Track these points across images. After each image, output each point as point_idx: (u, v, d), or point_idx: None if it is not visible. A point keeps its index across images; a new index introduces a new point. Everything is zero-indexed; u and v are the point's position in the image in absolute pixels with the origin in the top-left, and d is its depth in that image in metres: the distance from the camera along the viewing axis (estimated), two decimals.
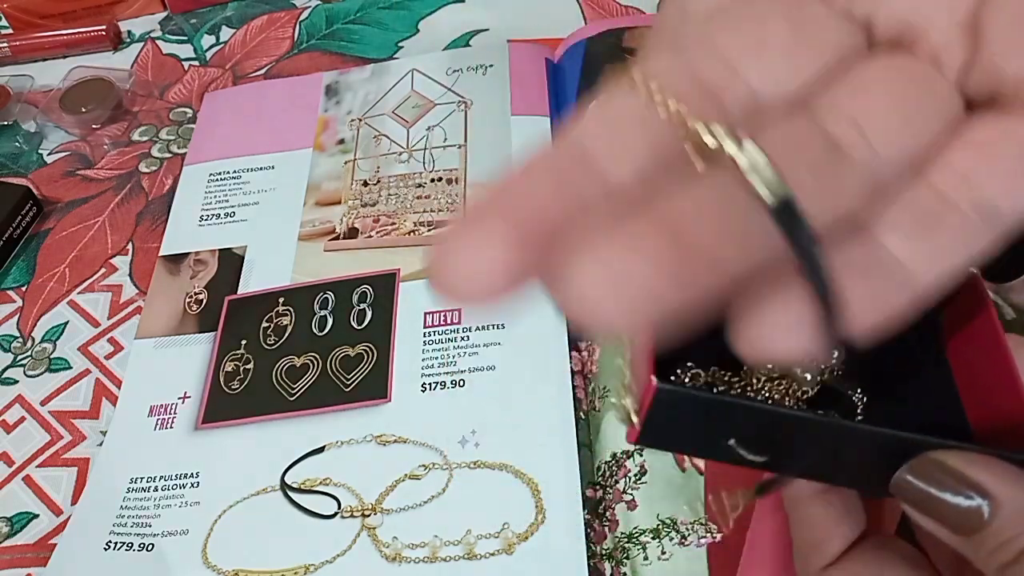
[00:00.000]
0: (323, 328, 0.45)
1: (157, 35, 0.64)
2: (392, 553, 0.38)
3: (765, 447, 0.25)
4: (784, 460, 0.26)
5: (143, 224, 0.53)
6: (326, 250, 0.49)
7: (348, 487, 0.40)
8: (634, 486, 0.39)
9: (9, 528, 0.42)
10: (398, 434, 0.41)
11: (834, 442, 0.25)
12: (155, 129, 0.58)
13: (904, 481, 0.23)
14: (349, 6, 0.64)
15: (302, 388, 0.43)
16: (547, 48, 0.57)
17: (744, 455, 0.25)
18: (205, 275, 0.49)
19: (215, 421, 0.43)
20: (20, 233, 0.52)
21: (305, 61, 0.61)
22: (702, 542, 0.37)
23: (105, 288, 0.50)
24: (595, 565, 0.37)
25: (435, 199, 0.50)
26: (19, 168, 0.57)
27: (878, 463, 0.24)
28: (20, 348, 0.48)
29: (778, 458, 0.25)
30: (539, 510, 0.38)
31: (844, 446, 0.25)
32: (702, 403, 0.25)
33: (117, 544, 0.40)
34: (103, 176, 0.56)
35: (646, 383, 0.24)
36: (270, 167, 0.54)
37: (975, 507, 0.22)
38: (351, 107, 0.56)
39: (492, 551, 0.37)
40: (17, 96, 0.59)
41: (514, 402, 0.41)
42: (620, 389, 0.26)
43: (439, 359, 0.43)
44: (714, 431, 0.25)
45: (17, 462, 0.44)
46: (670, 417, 0.25)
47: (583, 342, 0.43)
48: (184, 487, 0.41)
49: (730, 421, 0.25)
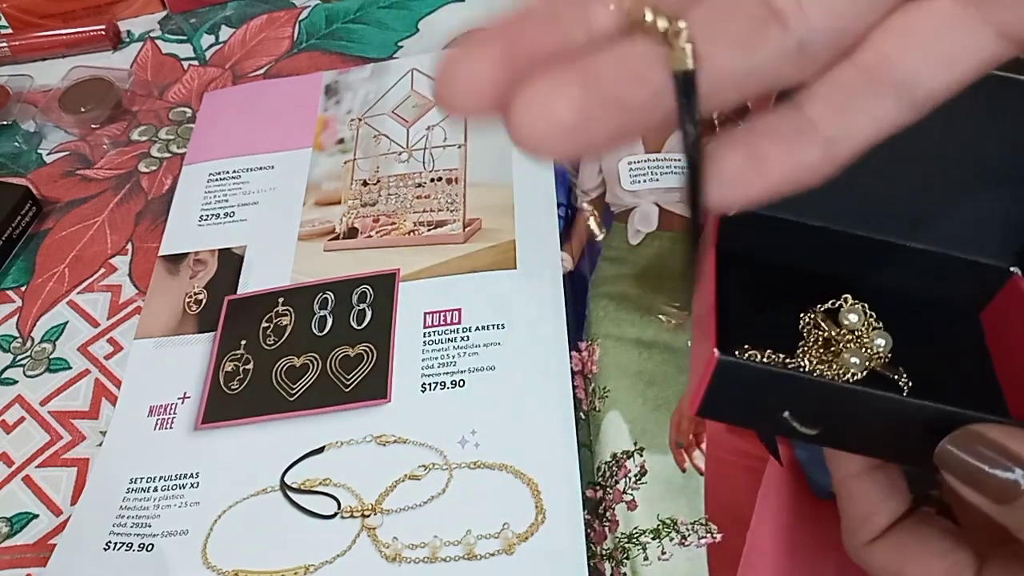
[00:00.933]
0: (323, 328, 0.45)
1: (156, 35, 0.64)
2: (392, 553, 0.38)
3: (818, 421, 0.27)
4: (835, 433, 0.27)
5: (143, 224, 0.53)
6: (326, 250, 0.49)
7: (348, 487, 0.40)
8: (634, 486, 0.39)
9: (9, 528, 0.41)
10: (398, 434, 0.41)
11: (883, 416, 0.26)
12: (154, 129, 0.58)
13: (947, 452, 0.24)
14: (349, 6, 0.64)
15: (302, 388, 0.43)
16: None
17: (797, 427, 0.27)
18: (205, 275, 0.49)
19: (215, 421, 0.43)
20: (19, 233, 0.52)
21: (305, 61, 0.61)
22: (702, 542, 0.37)
23: (105, 288, 0.50)
24: (595, 565, 0.37)
25: (435, 199, 0.50)
26: (18, 168, 0.57)
27: (923, 437, 0.25)
28: (20, 348, 0.48)
29: (829, 431, 0.27)
30: (539, 510, 0.38)
31: (892, 420, 0.26)
32: (761, 375, 0.27)
33: (117, 544, 0.40)
34: (102, 176, 0.56)
35: (708, 356, 0.26)
36: (270, 167, 0.54)
37: (1012, 479, 0.23)
38: (351, 107, 0.56)
39: (492, 551, 0.37)
40: (17, 96, 0.59)
41: (514, 402, 0.41)
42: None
43: (439, 359, 0.43)
44: (770, 404, 0.27)
45: (17, 462, 0.44)
46: (730, 389, 0.27)
47: (583, 342, 0.43)
48: (184, 487, 0.41)
49: (785, 394, 0.26)
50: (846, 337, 0.31)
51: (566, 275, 0.46)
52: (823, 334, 0.32)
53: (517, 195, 0.49)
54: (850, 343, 0.31)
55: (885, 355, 0.31)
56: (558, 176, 0.50)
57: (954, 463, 0.24)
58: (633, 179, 0.49)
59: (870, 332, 0.31)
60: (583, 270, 0.46)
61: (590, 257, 0.46)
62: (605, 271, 0.46)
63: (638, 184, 0.48)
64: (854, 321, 0.31)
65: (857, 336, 0.31)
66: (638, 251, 0.46)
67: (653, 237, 0.46)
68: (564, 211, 0.49)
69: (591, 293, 0.45)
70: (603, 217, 0.48)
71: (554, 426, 0.40)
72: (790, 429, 0.27)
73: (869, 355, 0.31)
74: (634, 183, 0.48)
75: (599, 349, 0.43)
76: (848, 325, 0.31)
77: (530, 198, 0.49)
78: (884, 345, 0.31)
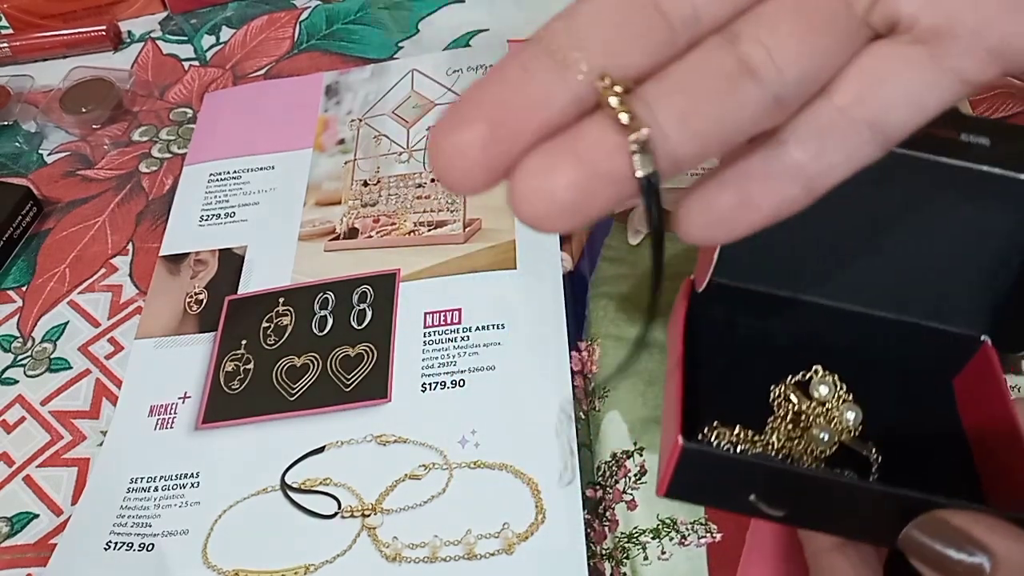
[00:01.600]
0: (323, 328, 0.45)
1: (157, 35, 0.64)
2: (392, 553, 0.38)
3: (784, 502, 0.27)
4: (801, 514, 0.28)
5: (143, 224, 0.53)
6: (326, 250, 0.49)
7: (348, 487, 0.40)
8: (634, 486, 0.39)
9: (9, 528, 0.42)
10: (398, 434, 0.41)
11: (847, 499, 0.27)
12: (155, 129, 0.58)
13: (912, 537, 0.25)
14: (349, 6, 0.64)
15: (302, 388, 0.43)
16: None
17: (764, 509, 0.27)
18: (205, 275, 0.49)
19: (215, 421, 0.43)
20: (20, 233, 0.52)
21: (305, 61, 0.61)
22: (702, 542, 0.37)
23: (105, 288, 0.50)
24: (595, 565, 0.37)
25: (435, 199, 0.50)
26: (19, 168, 0.57)
27: (889, 519, 0.26)
28: (20, 348, 0.48)
29: (795, 512, 0.28)
30: (539, 510, 0.38)
31: (857, 503, 0.27)
32: (725, 462, 0.28)
33: (117, 544, 0.40)
34: (103, 176, 0.56)
35: (674, 442, 0.27)
36: (270, 167, 0.54)
37: (977, 563, 0.24)
38: (351, 107, 0.56)
39: (492, 551, 0.37)
40: (17, 96, 0.59)
41: (514, 402, 0.41)
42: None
43: (439, 359, 0.43)
44: (736, 487, 0.27)
45: (17, 462, 0.44)
46: (697, 473, 0.28)
47: (583, 342, 0.43)
48: (184, 487, 0.41)
49: (751, 478, 0.27)
50: (816, 410, 0.32)
51: (566, 275, 0.46)
52: (792, 408, 0.32)
53: None
54: (820, 416, 0.32)
55: (855, 428, 0.31)
56: None
57: (919, 548, 0.25)
58: None
59: (840, 405, 0.32)
60: (583, 270, 0.46)
61: (590, 257, 0.46)
62: (605, 271, 0.46)
63: None
64: (824, 393, 0.32)
65: (828, 409, 0.32)
66: (638, 251, 0.46)
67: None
68: None
69: (591, 293, 0.45)
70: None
71: (554, 426, 0.40)
72: (757, 510, 0.27)
73: (839, 429, 0.31)
74: None
75: (599, 349, 0.43)
76: (819, 398, 0.32)
77: None
78: (854, 419, 0.31)
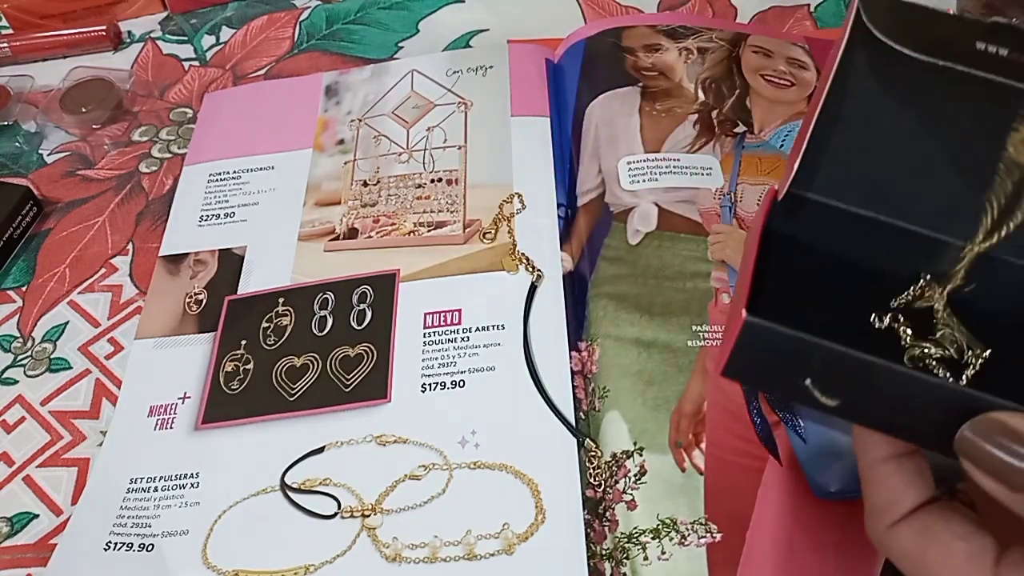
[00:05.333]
0: (323, 328, 0.45)
1: (157, 35, 0.64)
2: (392, 553, 0.38)
3: (839, 391, 0.26)
4: (856, 406, 0.27)
5: (143, 224, 0.53)
6: (326, 250, 0.49)
7: (348, 487, 0.40)
8: (634, 486, 0.39)
9: (9, 528, 0.42)
10: (398, 434, 0.41)
11: (905, 393, 0.26)
12: (155, 129, 0.58)
13: (966, 439, 0.24)
14: (349, 6, 0.64)
15: (302, 388, 0.43)
16: (547, 48, 0.58)
17: (818, 396, 0.26)
18: (205, 275, 0.49)
19: (215, 421, 0.43)
20: (20, 233, 0.52)
21: (305, 61, 0.61)
22: (702, 542, 0.37)
23: (105, 288, 0.50)
24: (595, 565, 0.37)
25: (435, 200, 0.50)
26: (19, 168, 0.57)
27: (945, 419, 0.25)
28: (20, 348, 0.48)
29: (850, 403, 0.27)
30: (539, 510, 0.38)
31: (914, 398, 0.26)
32: (786, 340, 0.26)
33: (117, 544, 0.40)
34: (103, 176, 0.56)
35: (737, 317, 0.26)
36: (270, 167, 0.54)
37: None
38: (351, 107, 0.56)
39: (492, 551, 0.37)
40: (17, 96, 0.59)
41: (514, 402, 0.41)
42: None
43: (439, 359, 0.43)
44: (793, 370, 0.26)
45: (17, 462, 0.44)
46: (756, 351, 0.27)
47: (583, 342, 0.43)
48: (184, 487, 0.41)
49: (809, 361, 0.26)
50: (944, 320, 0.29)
51: (566, 275, 0.46)
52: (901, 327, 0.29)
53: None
54: (948, 328, 0.29)
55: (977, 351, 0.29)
56: (558, 177, 0.50)
57: (973, 450, 0.24)
58: (632, 179, 0.49)
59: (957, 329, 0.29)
60: (583, 270, 0.46)
61: (590, 257, 0.46)
62: (605, 271, 0.46)
63: (637, 184, 0.48)
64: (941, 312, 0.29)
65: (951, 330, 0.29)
66: (637, 251, 0.46)
67: (652, 237, 0.46)
68: (564, 211, 0.49)
69: (591, 293, 0.45)
70: (602, 216, 0.48)
71: (554, 426, 0.40)
72: (811, 398, 0.26)
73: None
74: (633, 183, 0.48)
75: (599, 349, 0.43)
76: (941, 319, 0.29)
77: (530, 198, 0.49)
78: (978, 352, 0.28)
